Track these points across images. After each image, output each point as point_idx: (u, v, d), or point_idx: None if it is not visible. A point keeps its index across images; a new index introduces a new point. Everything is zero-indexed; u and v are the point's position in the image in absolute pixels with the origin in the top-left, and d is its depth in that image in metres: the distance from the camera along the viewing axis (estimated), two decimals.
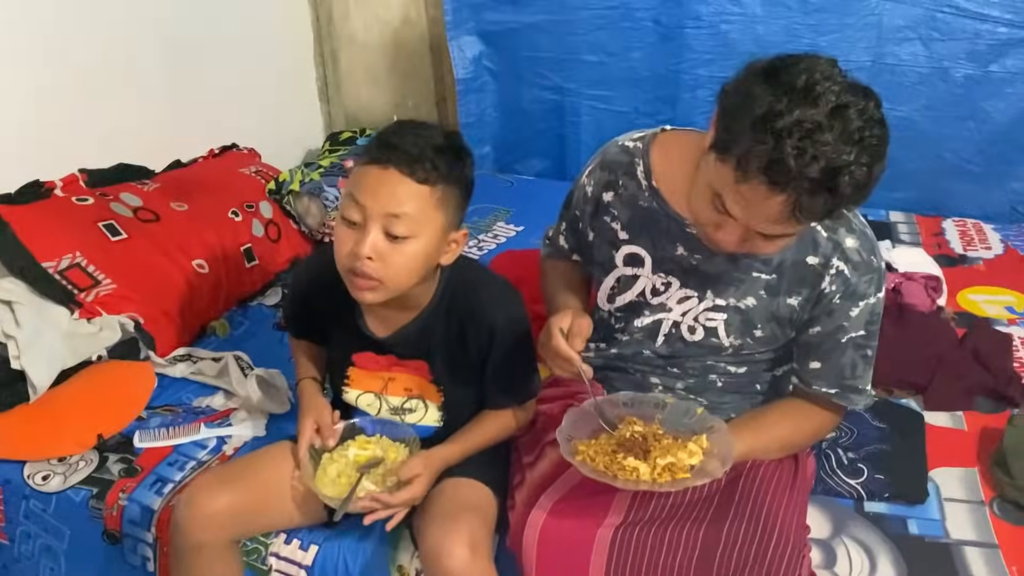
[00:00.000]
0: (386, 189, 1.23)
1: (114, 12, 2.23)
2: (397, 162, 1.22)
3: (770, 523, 1.25)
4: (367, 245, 1.23)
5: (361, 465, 1.40)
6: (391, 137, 1.25)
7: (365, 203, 1.23)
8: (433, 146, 1.24)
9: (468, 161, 1.31)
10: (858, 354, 1.36)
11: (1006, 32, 2.38)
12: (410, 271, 1.28)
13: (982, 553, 1.40)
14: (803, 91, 1.07)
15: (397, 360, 1.42)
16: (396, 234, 1.24)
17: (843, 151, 1.06)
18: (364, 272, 1.25)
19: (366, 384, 1.46)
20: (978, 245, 2.45)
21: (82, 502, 1.59)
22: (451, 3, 2.80)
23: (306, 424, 1.41)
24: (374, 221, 1.23)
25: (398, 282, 1.28)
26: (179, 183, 2.28)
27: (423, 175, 1.23)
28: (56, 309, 1.83)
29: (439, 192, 1.25)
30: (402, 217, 1.23)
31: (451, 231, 1.31)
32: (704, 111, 2.64)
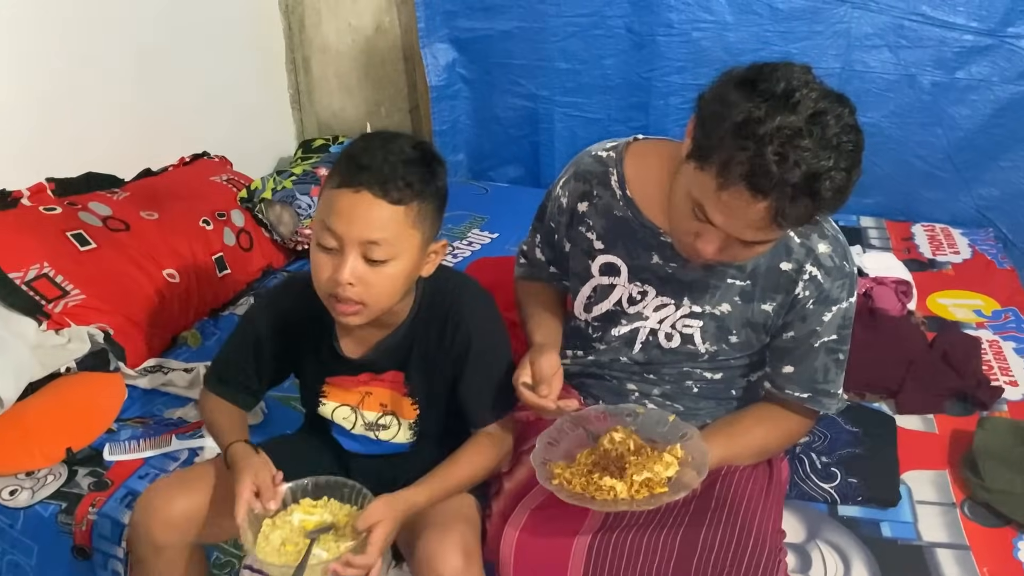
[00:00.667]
0: (360, 214, 1.19)
1: (82, 19, 2.20)
2: (369, 184, 1.18)
3: (747, 528, 1.26)
4: (346, 272, 1.20)
5: (309, 531, 1.26)
6: (361, 156, 1.20)
7: (339, 231, 1.19)
8: (404, 161, 1.20)
9: (441, 170, 1.27)
10: (830, 358, 1.38)
11: (971, 39, 2.42)
12: (392, 291, 1.25)
13: (954, 555, 1.42)
14: (782, 98, 1.08)
15: (374, 375, 1.38)
16: (375, 259, 1.21)
17: (822, 157, 1.07)
18: (346, 297, 1.22)
19: (343, 397, 1.41)
20: (947, 250, 2.48)
21: (51, 517, 1.56)
22: (424, 10, 2.81)
23: (243, 487, 1.24)
24: (351, 247, 1.20)
25: (381, 303, 1.25)
26: (149, 192, 2.25)
27: (396, 195, 1.19)
28: (23, 320, 1.80)
29: (415, 210, 1.22)
30: (380, 242, 1.20)
31: (428, 244, 1.28)
32: (676, 118, 2.67)
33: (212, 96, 2.69)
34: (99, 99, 2.28)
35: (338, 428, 1.45)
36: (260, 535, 1.25)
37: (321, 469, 1.39)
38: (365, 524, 1.22)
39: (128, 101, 2.38)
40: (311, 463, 1.42)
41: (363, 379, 1.39)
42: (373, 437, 1.42)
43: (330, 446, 1.47)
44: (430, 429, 1.41)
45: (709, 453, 1.26)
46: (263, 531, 1.26)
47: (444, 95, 2.94)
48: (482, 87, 2.92)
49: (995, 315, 2.14)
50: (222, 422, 1.39)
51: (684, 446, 1.29)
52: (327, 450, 1.46)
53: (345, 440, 1.45)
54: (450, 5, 2.80)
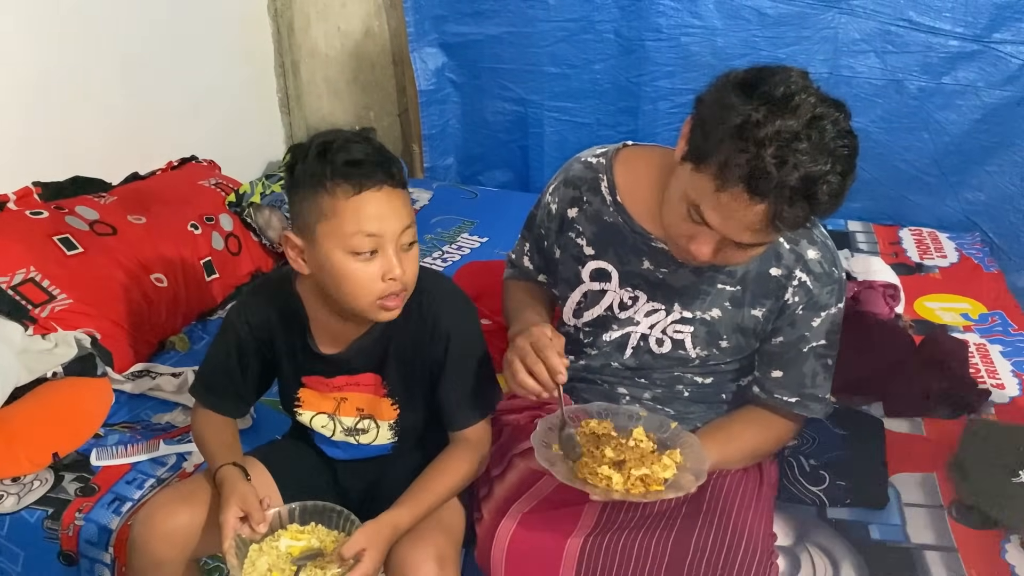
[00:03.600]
0: (390, 209, 1.21)
1: (70, 22, 2.19)
2: (382, 179, 1.20)
3: (738, 531, 1.26)
4: (396, 267, 1.22)
5: (296, 557, 1.25)
6: (353, 154, 1.20)
7: (380, 231, 1.21)
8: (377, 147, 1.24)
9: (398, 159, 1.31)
10: (819, 363, 1.38)
11: (957, 45, 2.44)
12: (417, 270, 1.28)
13: (942, 557, 1.42)
14: (781, 102, 1.09)
15: (349, 377, 1.37)
16: (409, 242, 1.25)
17: (820, 161, 1.09)
18: (392, 291, 1.24)
19: (318, 405, 1.40)
20: (934, 254, 2.50)
21: (37, 523, 1.55)
22: (413, 15, 2.81)
23: (229, 513, 1.24)
24: (390, 242, 1.22)
25: (413, 285, 1.29)
26: (137, 196, 2.24)
27: (399, 177, 1.23)
28: (9, 325, 1.79)
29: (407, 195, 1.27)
30: (411, 225, 1.25)
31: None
32: (665, 122, 2.67)
33: (201, 100, 2.68)
34: (87, 103, 2.27)
35: (319, 436, 1.44)
36: (247, 560, 1.25)
37: (308, 475, 1.39)
38: (351, 552, 1.21)
39: (116, 105, 2.37)
40: (298, 470, 1.42)
41: (338, 383, 1.38)
42: (354, 442, 1.41)
43: (317, 451, 1.46)
44: (411, 428, 1.40)
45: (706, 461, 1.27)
46: (249, 556, 1.25)
47: (433, 99, 2.94)
48: (471, 91, 2.92)
49: (982, 318, 2.16)
50: (211, 441, 1.38)
51: (683, 452, 1.29)
52: (313, 456, 1.46)
53: (328, 448, 1.45)
54: (439, 10, 2.80)
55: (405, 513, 1.28)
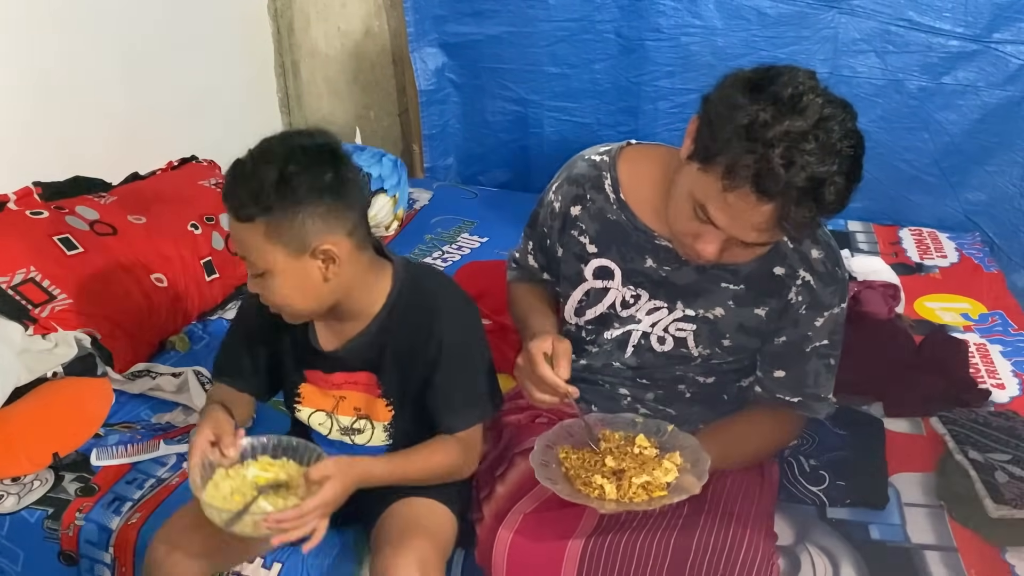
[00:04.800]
0: (232, 233, 1.27)
1: (70, 22, 2.19)
2: (227, 204, 1.25)
3: (739, 532, 1.26)
4: (250, 284, 1.29)
5: (260, 486, 1.28)
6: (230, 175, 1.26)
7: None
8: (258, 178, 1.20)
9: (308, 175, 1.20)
10: (821, 363, 1.38)
11: (957, 45, 2.44)
12: (290, 299, 1.27)
13: (942, 557, 1.42)
14: (789, 102, 1.10)
15: (347, 375, 1.38)
16: (254, 271, 1.26)
17: (827, 162, 1.09)
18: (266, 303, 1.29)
19: (317, 402, 1.41)
20: (934, 254, 2.50)
21: (37, 523, 1.55)
22: (413, 15, 2.81)
23: (201, 434, 1.29)
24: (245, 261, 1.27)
25: (292, 311, 1.29)
26: (137, 196, 2.24)
27: (244, 213, 1.22)
28: (9, 325, 1.79)
29: (262, 226, 1.21)
30: (247, 259, 1.26)
31: (304, 252, 1.23)
32: (665, 122, 2.67)
33: (201, 100, 2.68)
34: (87, 103, 2.27)
35: (317, 435, 1.44)
36: (211, 482, 1.28)
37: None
38: (317, 475, 1.23)
39: (116, 105, 2.37)
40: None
41: (337, 380, 1.38)
42: (349, 442, 1.42)
43: None
44: (405, 431, 1.39)
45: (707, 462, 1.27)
46: (215, 479, 1.28)
47: (433, 99, 2.94)
48: (471, 91, 2.92)
49: (982, 318, 2.16)
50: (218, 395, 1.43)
51: (683, 454, 1.29)
52: None
53: (325, 447, 1.43)
54: (439, 10, 2.80)
55: (381, 465, 1.31)
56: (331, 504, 1.24)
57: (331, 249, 1.24)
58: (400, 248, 2.51)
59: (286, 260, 1.23)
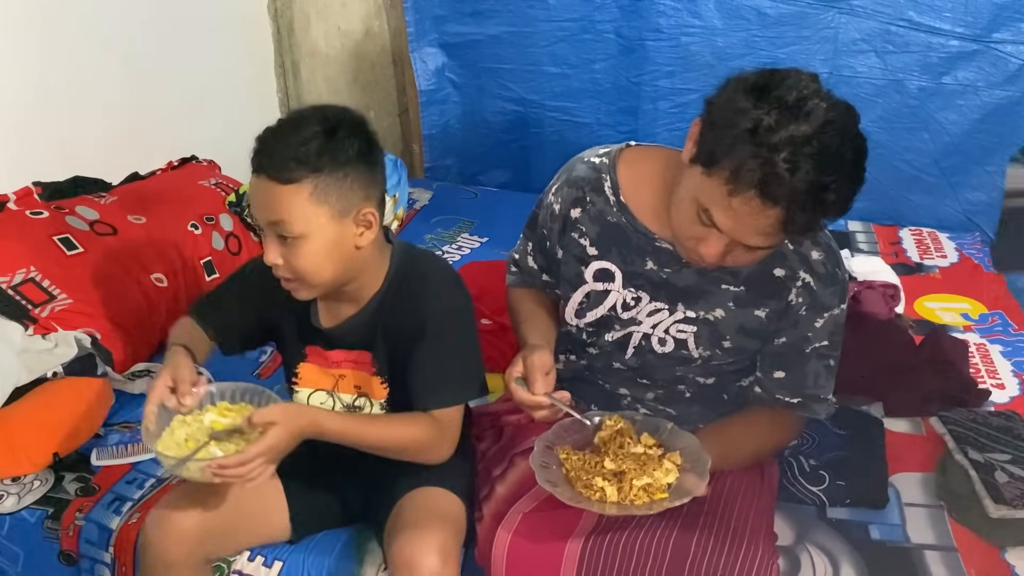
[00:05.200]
0: (262, 198, 1.24)
1: (69, 22, 2.19)
2: (263, 167, 1.22)
3: (739, 532, 1.26)
4: (269, 254, 1.25)
5: (214, 432, 1.27)
6: (263, 141, 1.24)
7: (255, 214, 1.27)
8: (300, 140, 1.21)
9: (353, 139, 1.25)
10: (821, 364, 1.38)
11: (957, 45, 2.44)
12: (318, 266, 1.26)
13: (942, 557, 1.42)
14: (793, 106, 1.10)
15: (346, 353, 1.38)
16: (287, 235, 1.23)
17: (831, 166, 1.09)
18: (281, 275, 1.27)
19: (317, 381, 1.41)
20: (934, 254, 2.50)
21: (37, 523, 1.55)
22: (413, 15, 2.81)
23: (160, 380, 1.28)
24: (267, 230, 1.25)
25: (316, 279, 1.27)
26: (137, 196, 2.24)
27: (287, 175, 1.20)
28: (9, 325, 1.79)
29: (309, 186, 1.21)
30: (283, 223, 1.22)
31: (348, 214, 1.25)
32: (665, 122, 2.67)
33: (201, 100, 2.68)
34: (87, 103, 2.27)
35: None
36: (167, 429, 1.27)
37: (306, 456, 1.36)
38: (260, 420, 1.22)
39: (116, 105, 2.37)
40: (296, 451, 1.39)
41: (336, 358, 1.39)
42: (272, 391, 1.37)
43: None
44: (402, 409, 1.38)
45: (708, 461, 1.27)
46: (171, 426, 1.28)
47: (433, 99, 2.94)
48: (471, 91, 2.92)
49: (982, 318, 2.16)
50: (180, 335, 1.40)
51: (683, 453, 1.29)
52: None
53: None
54: (439, 10, 2.80)
55: (334, 420, 1.30)
56: (275, 450, 1.22)
57: (371, 213, 1.27)
58: None
59: (328, 222, 1.23)
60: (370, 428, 1.31)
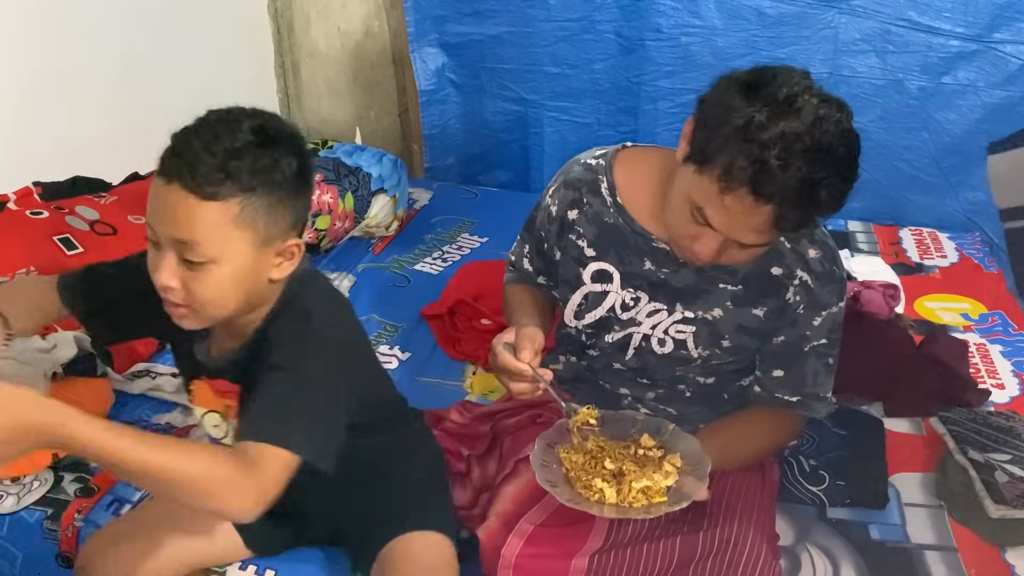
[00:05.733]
0: (169, 210, 1.03)
1: (69, 22, 2.19)
2: (180, 174, 1.02)
3: (741, 533, 1.26)
4: (163, 274, 1.05)
5: None
6: (182, 140, 1.06)
7: (153, 225, 1.05)
8: (231, 148, 1.03)
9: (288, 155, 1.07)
10: (820, 362, 1.38)
11: (957, 45, 2.44)
12: (222, 297, 1.08)
13: (942, 557, 1.42)
14: (784, 103, 1.10)
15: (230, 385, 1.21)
16: (192, 260, 1.04)
17: (823, 162, 1.09)
18: (169, 300, 1.08)
19: (209, 401, 1.24)
20: (934, 254, 2.49)
21: (36, 523, 1.55)
22: (413, 15, 2.80)
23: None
24: (167, 246, 1.05)
25: (213, 310, 1.09)
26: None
27: (211, 189, 1.02)
28: None
29: (236, 207, 1.03)
30: (190, 244, 1.03)
31: (271, 244, 1.09)
32: (666, 122, 2.67)
33: (200, 100, 2.62)
34: (86, 103, 2.27)
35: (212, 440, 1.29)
36: None
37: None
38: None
39: (116, 105, 2.37)
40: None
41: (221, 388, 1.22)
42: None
43: None
44: None
45: (708, 463, 1.27)
46: None
47: (433, 99, 2.93)
48: (471, 91, 2.92)
49: (982, 318, 2.16)
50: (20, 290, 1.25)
51: (683, 455, 1.29)
52: None
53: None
54: (439, 10, 2.80)
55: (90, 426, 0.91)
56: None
57: (296, 246, 1.12)
58: (400, 248, 2.52)
59: (247, 249, 1.06)
60: (140, 448, 0.91)
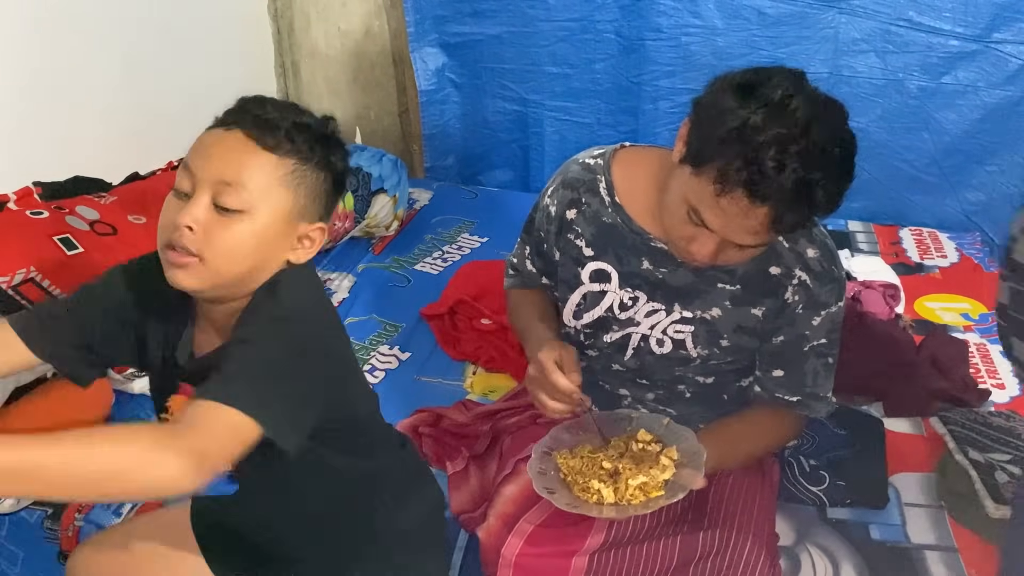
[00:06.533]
0: (220, 151, 1.03)
1: (69, 22, 2.19)
2: (244, 124, 1.04)
3: (741, 533, 1.26)
4: (189, 213, 1.01)
5: None
6: (252, 100, 1.08)
7: (195, 167, 1.03)
8: (299, 122, 1.06)
9: (340, 153, 1.10)
10: (820, 362, 1.38)
11: (958, 45, 2.44)
12: (236, 253, 1.02)
13: (942, 557, 1.43)
14: (779, 105, 1.10)
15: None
16: (225, 205, 1.01)
17: (818, 163, 1.09)
18: (181, 243, 1.01)
19: None
20: (934, 254, 2.50)
21: (36, 523, 1.55)
22: (413, 15, 2.80)
23: None
24: (203, 187, 1.01)
25: (220, 264, 1.02)
26: (137, 196, 2.24)
27: (271, 141, 1.03)
28: None
29: (289, 166, 1.04)
30: (234, 185, 1.01)
31: (301, 221, 1.07)
32: (666, 122, 2.67)
33: (200, 100, 2.64)
34: (86, 103, 2.27)
35: None
36: None
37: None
38: None
39: (116, 105, 2.36)
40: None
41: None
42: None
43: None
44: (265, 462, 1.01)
45: (704, 453, 1.27)
46: None
47: (433, 99, 2.94)
48: (471, 91, 2.92)
49: (982, 318, 2.16)
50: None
51: (680, 448, 1.29)
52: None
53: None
54: (440, 10, 2.80)
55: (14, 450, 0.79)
56: None
57: (321, 231, 1.10)
58: (400, 248, 2.52)
59: (282, 213, 1.04)
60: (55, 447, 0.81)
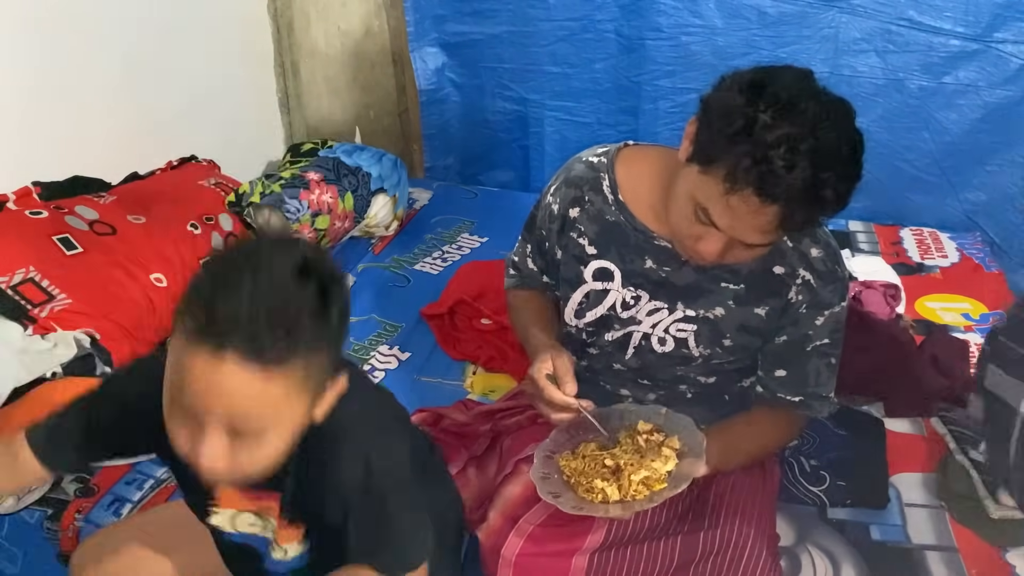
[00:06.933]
0: (224, 386, 0.86)
1: (68, 22, 2.19)
2: (233, 341, 0.84)
3: (742, 533, 1.26)
4: (206, 456, 0.90)
5: None
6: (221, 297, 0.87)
7: (197, 405, 0.88)
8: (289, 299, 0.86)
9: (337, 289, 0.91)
10: (822, 362, 1.38)
11: (958, 45, 2.44)
12: (268, 461, 0.94)
13: (943, 557, 1.42)
14: (788, 104, 1.10)
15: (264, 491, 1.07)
16: (244, 432, 0.90)
17: (827, 162, 1.09)
18: (205, 472, 0.92)
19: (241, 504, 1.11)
20: (935, 254, 2.49)
21: (36, 523, 1.55)
22: (413, 14, 2.80)
23: None
24: (213, 425, 0.89)
25: (255, 472, 0.95)
26: (137, 196, 2.24)
27: (273, 354, 0.85)
28: (8, 325, 1.78)
29: (300, 370, 0.89)
30: (246, 417, 0.89)
31: (320, 394, 0.96)
32: (666, 121, 2.67)
33: (200, 100, 2.67)
34: (86, 102, 2.27)
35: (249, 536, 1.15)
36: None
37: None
38: None
39: (115, 104, 2.36)
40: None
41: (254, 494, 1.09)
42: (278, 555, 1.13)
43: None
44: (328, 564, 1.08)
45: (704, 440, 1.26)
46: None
47: (433, 99, 2.94)
48: (471, 91, 2.92)
49: (983, 318, 2.16)
50: None
51: (681, 437, 1.29)
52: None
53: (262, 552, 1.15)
54: (439, 9, 2.80)
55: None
56: None
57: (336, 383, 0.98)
58: (400, 248, 2.52)
59: (303, 410, 0.93)
60: None
